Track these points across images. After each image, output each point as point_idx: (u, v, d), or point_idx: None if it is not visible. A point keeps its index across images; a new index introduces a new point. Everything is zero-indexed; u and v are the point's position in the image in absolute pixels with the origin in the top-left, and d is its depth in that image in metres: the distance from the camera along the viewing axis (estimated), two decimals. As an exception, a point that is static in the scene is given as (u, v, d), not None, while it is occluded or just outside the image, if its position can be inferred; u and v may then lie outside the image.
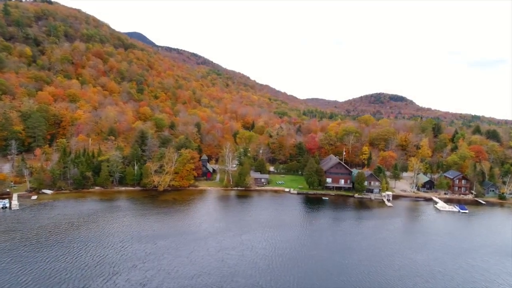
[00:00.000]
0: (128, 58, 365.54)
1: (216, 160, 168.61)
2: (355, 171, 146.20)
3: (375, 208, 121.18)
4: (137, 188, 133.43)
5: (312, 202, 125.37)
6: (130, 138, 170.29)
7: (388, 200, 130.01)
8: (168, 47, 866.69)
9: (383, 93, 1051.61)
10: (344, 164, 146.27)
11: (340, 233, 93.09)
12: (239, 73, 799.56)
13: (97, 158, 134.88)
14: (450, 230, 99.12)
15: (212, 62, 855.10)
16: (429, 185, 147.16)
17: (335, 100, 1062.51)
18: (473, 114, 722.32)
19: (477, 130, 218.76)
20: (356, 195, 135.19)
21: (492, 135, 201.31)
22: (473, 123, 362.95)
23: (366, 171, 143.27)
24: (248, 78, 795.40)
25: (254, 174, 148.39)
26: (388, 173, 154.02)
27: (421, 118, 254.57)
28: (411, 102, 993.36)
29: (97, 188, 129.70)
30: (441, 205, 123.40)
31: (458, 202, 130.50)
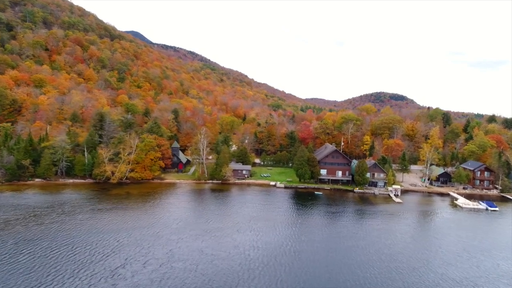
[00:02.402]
0: (113, 47, 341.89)
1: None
2: (355, 162, 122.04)
3: (381, 204, 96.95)
4: (89, 180, 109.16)
5: (302, 198, 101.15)
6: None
7: (396, 195, 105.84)
8: (164, 45, 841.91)
9: (383, 92, 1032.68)
10: (342, 153, 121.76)
11: (338, 237, 68.81)
12: (236, 71, 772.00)
13: (40, 144, 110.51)
14: (485, 233, 74.47)
15: (209, 60, 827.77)
16: (445, 178, 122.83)
17: (335, 100, 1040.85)
18: (475, 113, 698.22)
19: (492, 119, 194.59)
20: (357, 189, 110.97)
21: (511, 124, 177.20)
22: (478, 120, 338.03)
23: (369, 161, 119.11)
24: (246, 76, 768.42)
25: (235, 166, 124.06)
26: (394, 166, 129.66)
27: (428, 108, 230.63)
28: (412, 101, 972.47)
29: (37, 180, 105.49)
30: (462, 201, 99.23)
31: (481, 198, 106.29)
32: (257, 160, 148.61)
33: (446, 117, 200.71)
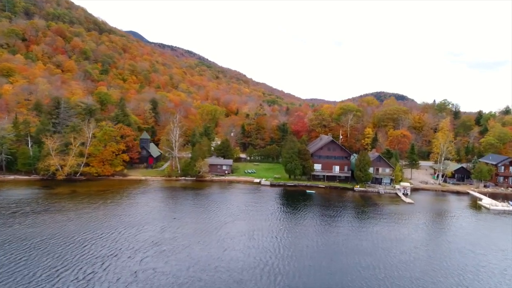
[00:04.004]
0: (100, 40, 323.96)
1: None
2: (355, 156, 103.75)
3: (388, 205, 78.40)
4: (35, 176, 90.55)
5: (291, 198, 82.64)
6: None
7: (406, 194, 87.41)
8: (161, 44, 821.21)
9: (383, 92, 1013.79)
10: (341, 144, 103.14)
11: (335, 251, 50.40)
12: (235, 70, 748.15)
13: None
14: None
15: (207, 59, 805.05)
16: (461, 175, 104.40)
17: (334, 101, 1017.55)
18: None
19: (508, 111, 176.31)
20: (357, 187, 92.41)
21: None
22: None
23: (372, 153, 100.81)
24: (244, 75, 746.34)
25: (214, 160, 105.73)
26: (400, 162, 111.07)
27: (434, 100, 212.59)
28: (412, 101, 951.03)
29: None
30: (488, 202, 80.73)
31: (506, 198, 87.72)
32: (244, 155, 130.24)
33: (455, 109, 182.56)
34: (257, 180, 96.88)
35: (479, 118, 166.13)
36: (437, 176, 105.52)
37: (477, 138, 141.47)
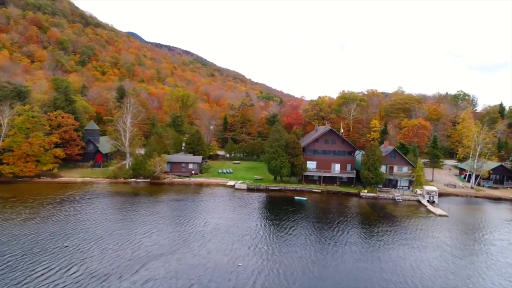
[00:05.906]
0: (84, 32, 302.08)
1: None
2: (359, 153, 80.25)
3: (411, 219, 54.62)
4: None
5: (272, 208, 58.92)
6: None
7: (432, 202, 63.70)
8: (158, 43, 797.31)
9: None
10: (342, 136, 78.96)
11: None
12: (233, 70, 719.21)
13: None
14: None
15: (206, 60, 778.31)
16: (500, 176, 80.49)
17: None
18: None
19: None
20: (365, 192, 68.49)
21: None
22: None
23: (385, 147, 77.09)
24: (243, 76, 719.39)
25: (177, 157, 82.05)
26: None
27: (447, 92, 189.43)
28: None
29: None
30: (554, 213, 57.02)
31: None
32: (223, 152, 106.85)
33: (472, 102, 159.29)
34: (231, 183, 73.02)
35: (502, 111, 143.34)
36: (466, 177, 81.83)
37: (505, 132, 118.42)
